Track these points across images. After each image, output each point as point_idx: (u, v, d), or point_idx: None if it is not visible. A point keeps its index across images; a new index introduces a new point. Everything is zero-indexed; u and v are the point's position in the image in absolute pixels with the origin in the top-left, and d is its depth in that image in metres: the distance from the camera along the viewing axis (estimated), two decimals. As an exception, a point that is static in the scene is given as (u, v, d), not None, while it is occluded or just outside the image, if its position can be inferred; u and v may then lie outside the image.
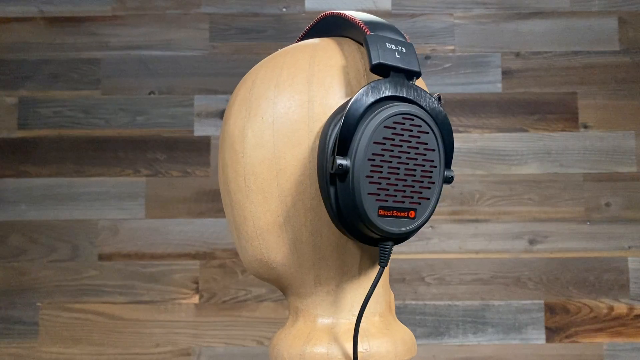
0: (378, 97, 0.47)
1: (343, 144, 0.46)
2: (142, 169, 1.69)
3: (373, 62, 0.47)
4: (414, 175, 0.47)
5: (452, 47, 1.73)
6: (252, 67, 1.74)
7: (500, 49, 1.72)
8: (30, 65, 1.73)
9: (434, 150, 0.47)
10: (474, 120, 1.70)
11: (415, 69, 0.48)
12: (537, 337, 1.63)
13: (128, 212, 1.67)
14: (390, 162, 0.46)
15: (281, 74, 0.53)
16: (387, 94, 0.47)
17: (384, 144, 0.46)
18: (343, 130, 0.46)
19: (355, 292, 0.53)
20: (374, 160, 0.45)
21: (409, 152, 0.46)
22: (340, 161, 0.45)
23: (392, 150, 0.46)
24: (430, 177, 0.47)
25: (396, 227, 0.47)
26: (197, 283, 1.65)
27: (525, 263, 1.65)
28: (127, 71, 1.72)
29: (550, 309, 1.64)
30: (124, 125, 1.71)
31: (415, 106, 0.47)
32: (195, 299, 1.65)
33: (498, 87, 1.71)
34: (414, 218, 0.47)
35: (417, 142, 0.46)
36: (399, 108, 0.46)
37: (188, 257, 1.66)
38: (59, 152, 1.70)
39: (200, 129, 1.70)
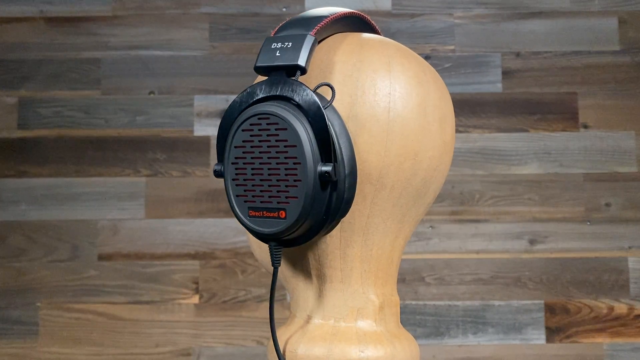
0: (252, 100, 0.48)
1: (219, 150, 0.49)
2: (142, 169, 1.69)
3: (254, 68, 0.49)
4: (279, 175, 0.46)
5: (452, 47, 1.73)
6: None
7: (500, 49, 1.72)
8: (30, 65, 1.73)
9: (295, 146, 0.45)
10: (474, 120, 1.70)
11: (294, 62, 0.47)
12: (537, 337, 1.63)
13: (128, 212, 1.67)
14: (253, 163, 0.47)
15: None
16: (261, 95, 0.48)
17: (245, 146, 0.47)
18: (217, 138, 0.49)
19: (309, 292, 0.54)
20: (237, 163, 0.47)
21: (269, 152, 0.46)
22: (216, 167, 0.49)
23: (253, 152, 0.47)
24: (296, 174, 0.45)
25: (267, 227, 0.47)
26: (197, 283, 1.65)
27: (525, 263, 1.65)
28: (127, 71, 1.72)
29: (550, 309, 1.64)
30: (124, 125, 1.71)
31: (277, 103, 0.46)
32: (195, 299, 1.65)
33: (498, 87, 1.71)
34: (284, 218, 0.46)
35: (277, 141, 0.46)
36: (256, 109, 0.46)
37: (188, 257, 1.66)
38: (59, 152, 1.70)
39: (200, 129, 1.70)
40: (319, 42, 0.53)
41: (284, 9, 1.74)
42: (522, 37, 1.73)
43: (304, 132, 0.45)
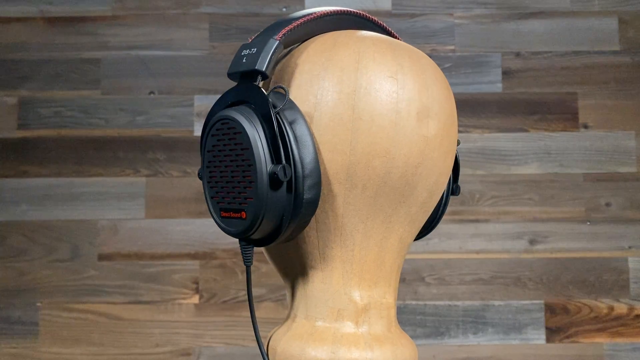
0: (224, 106, 0.50)
1: (201, 154, 0.52)
2: (142, 169, 1.69)
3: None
4: (239, 177, 0.48)
5: (452, 47, 1.73)
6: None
7: (500, 49, 1.72)
8: (30, 65, 1.73)
9: (247, 148, 0.47)
10: (474, 120, 1.70)
11: (253, 67, 0.48)
12: (537, 337, 1.63)
13: (128, 212, 1.67)
14: (220, 166, 0.49)
15: None
16: (230, 101, 0.50)
17: (214, 150, 0.49)
18: (200, 142, 0.51)
19: (296, 292, 0.54)
20: (210, 167, 0.50)
21: (231, 155, 0.48)
22: (199, 170, 0.52)
23: (220, 156, 0.49)
24: (250, 176, 0.47)
25: (233, 227, 0.49)
26: (197, 283, 1.65)
27: (525, 263, 1.65)
28: (127, 71, 1.72)
29: (550, 309, 1.64)
30: (124, 125, 1.70)
31: (239, 108, 0.48)
32: (195, 299, 1.65)
33: (498, 87, 1.71)
34: (245, 218, 0.48)
35: (235, 144, 0.47)
36: (220, 114, 0.49)
37: (188, 257, 1.66)
38: (59, 152, 1.70)
39: (200, 129, 1.70)
40: (302, 42, 0.54)
41: (284, 9, 1.74)
42: (522, 37, 1.73)
43: (256, 135, 0.47)
